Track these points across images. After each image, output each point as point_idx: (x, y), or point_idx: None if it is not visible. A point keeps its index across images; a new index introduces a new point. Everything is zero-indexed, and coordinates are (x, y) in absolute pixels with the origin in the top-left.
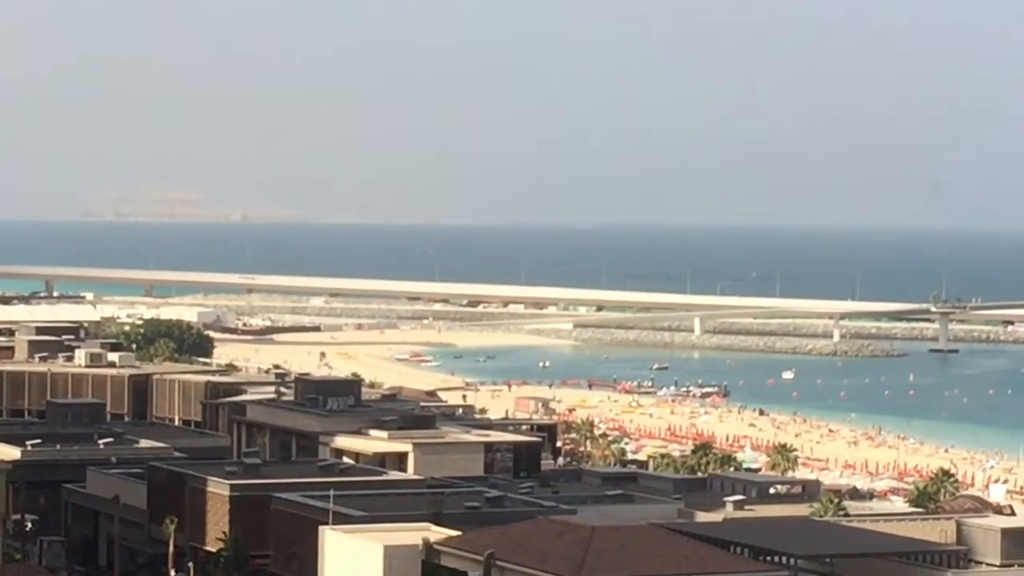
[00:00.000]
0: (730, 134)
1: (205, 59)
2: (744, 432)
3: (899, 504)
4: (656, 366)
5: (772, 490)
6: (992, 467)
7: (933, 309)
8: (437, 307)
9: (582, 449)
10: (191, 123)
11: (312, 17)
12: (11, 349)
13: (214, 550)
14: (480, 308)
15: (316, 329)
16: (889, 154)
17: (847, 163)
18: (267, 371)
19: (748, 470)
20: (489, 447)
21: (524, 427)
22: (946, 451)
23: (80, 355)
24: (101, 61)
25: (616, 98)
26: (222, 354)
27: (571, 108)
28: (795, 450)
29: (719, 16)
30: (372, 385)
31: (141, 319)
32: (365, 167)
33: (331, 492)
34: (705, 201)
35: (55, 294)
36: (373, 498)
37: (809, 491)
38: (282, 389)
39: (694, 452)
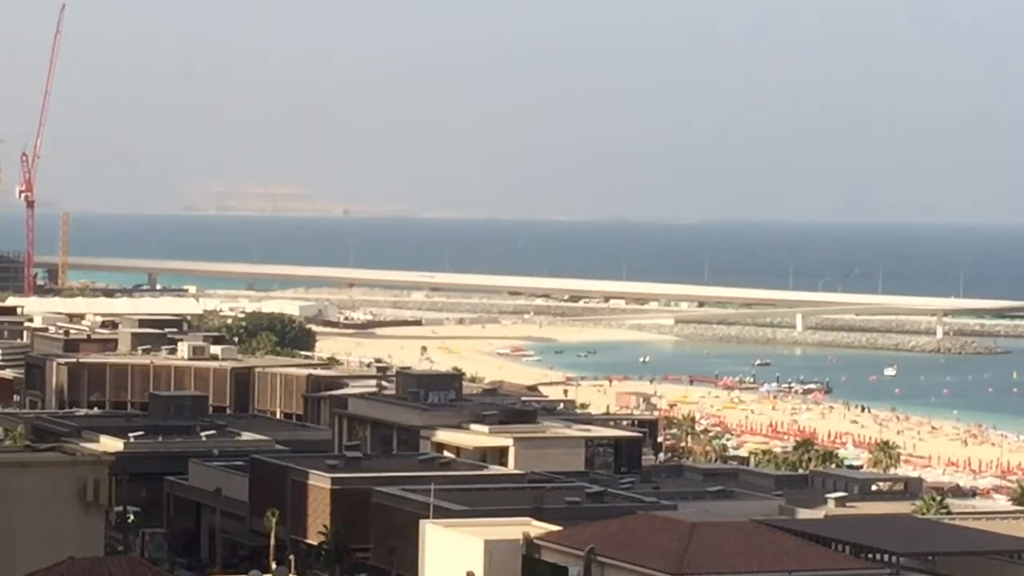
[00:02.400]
0: (831, 129)
1: (309, 55)
2: (846, 429)
3: (1002, 502)
4: (758, 362)
5: (874, 487)
6: None
7: None
8: (538, 302)
9: (683, 445)
10: (294, 118)
11: (417, 13)
12: (114, 342)
13: (315, 543)
14: (581, 303)
15: (417, 323)
16: (995, 150)
17: (952, 159)
18: (368, 365)
19: (850, 467)
20: (590, 442)
21: (625, 422)
22: None
23: (183, 348)
24: (208, 57)
25: (718, 93)
26: (324, 347)
27: (674, 104)
28: (897, 447)
29: (838, 10)
30: (473, 379)
31: (243, 312)
32: (467, 162)
33: (432, 486)
34: (809, 197)
35: (158, 287)
36: (474, 492)
37: (911, 488)
38: (383, 383)
39: (796, 448)
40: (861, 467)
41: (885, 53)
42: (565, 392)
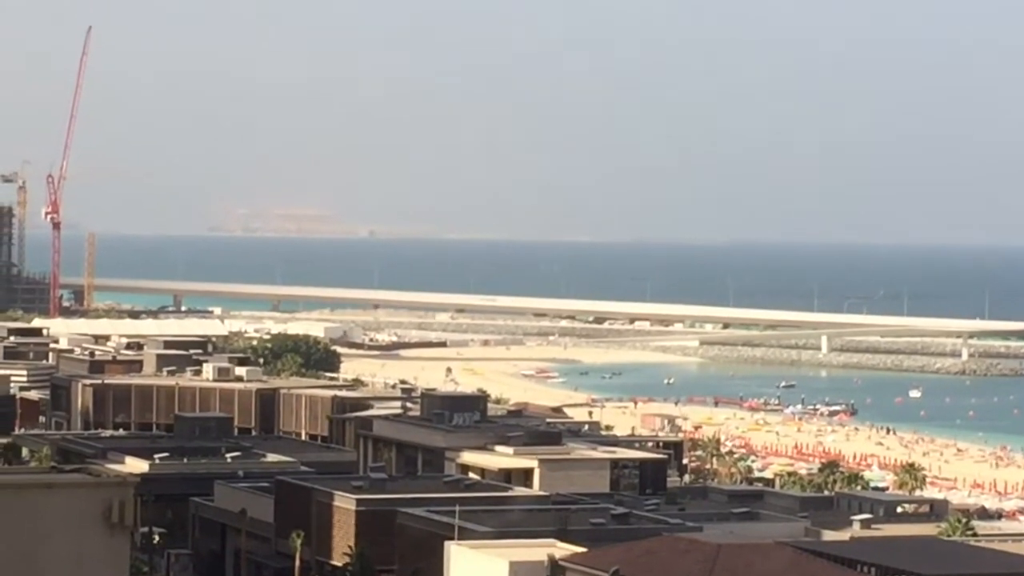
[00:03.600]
0: (858, 150)
1: (334, 78)
2: (871, 450)
3: None
4: (783, 384)
5: (899, 509)
6: None
7: None
8: (563, 323)
9: (708, 466)
10: (319, 140)
11: (439, 37)
12: (140, 363)
13: (340, 564)
14: (606, 325)
15: (442, 345)
16: (1021, 170)
17: (977, 180)
18: (393, 386)
19: (875, 489)
20: (615, 464)
21: (650, 444)
22: None
23: (208, 369)
24: (234, 79)
25: (740, 113)
26: (349, 369)
27: (696, 126)
28: (923, 469)
29: (860, 35)
30: (498, 401)
31: (268, 334)
32: (491, 183)
33: (456, 507)
34: (833, 218)
35: (183, 308)
36: (498, 514)
37: (937, 510)
38: (408, 404)
39: (821, 470)
40: (886, 489)
41: (902, 72)
42: (590, 414)
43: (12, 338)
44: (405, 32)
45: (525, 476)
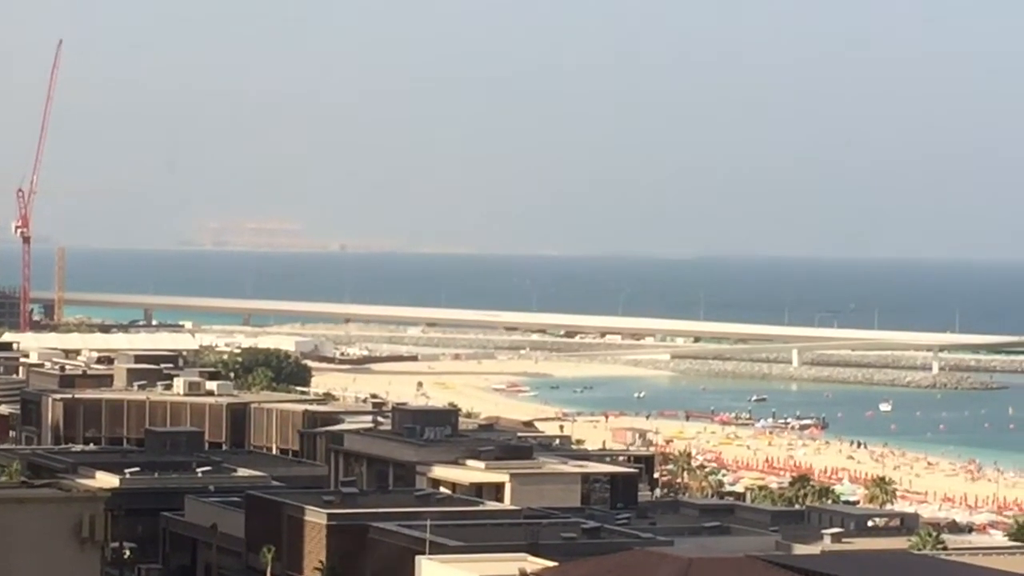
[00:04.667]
0: (829, 164)
1: (306, 92)
2: (842, 464)
3: (998, 538)
4: (754, 398)
5: (870, 523)
6: None
7: None
8: (534, 337)
9: (679, 480)
10: (290, 154)
11: (412, 51)
12: (110, 377)
13: None
14: (577, 339)
15: (413, 359)
16: (991, 186)
17: (946, 194)
18: (364, 400)
19: (846, 502)
20: (586, 478)
21: (621, 458)
22: None
23: (179, 384)
24: (202, 92)
25: (712, 128)
26: (320, 383)
27: (667, 138)
28: (894, 483)
29: (822, 49)
30: (469, 415)
31: (239, 348)
32: (463, 197)
33: (428, 522)
34: (804, 232)
35: (154, 323)
36: (470, 528)
37: (908, 524)
38: (379, 419)
39: (792, 484)
40: (857, 503)
41: (873, 88)
42: (561, 428)
43: None
44: (375, 45)
45: (496, 490)
